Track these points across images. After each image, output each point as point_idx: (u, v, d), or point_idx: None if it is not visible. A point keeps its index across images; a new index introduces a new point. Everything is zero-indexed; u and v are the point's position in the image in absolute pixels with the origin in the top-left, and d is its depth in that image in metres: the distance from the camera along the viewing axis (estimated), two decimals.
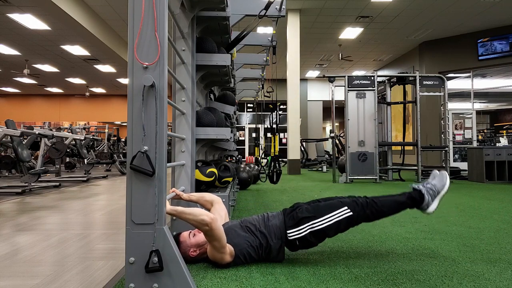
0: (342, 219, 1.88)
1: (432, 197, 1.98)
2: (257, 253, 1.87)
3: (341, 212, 1.90)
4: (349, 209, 1.91)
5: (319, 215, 1.89)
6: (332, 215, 1.88)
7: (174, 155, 2.43)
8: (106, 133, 11.29)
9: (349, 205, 1.92)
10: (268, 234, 1.88)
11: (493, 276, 1.71)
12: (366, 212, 1.92)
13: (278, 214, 1.99)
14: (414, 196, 1.99)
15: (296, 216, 1.91)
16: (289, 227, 1.89)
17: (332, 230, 1.89)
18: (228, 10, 2.66)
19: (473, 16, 8.95)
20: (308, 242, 1.89)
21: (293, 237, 1.87)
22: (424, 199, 1.97)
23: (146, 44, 1.53)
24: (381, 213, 1.95)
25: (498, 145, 7.47)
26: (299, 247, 1.92)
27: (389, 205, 1.97)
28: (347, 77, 6.97)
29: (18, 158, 5.38)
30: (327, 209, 1.91)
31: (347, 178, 6.75)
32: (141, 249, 1.49)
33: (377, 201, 1.95)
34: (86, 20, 8.34)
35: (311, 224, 1.87)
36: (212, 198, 2.17)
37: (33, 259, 2.07)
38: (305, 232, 1.87)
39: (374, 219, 1.96)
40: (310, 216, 1.89)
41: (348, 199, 1.98)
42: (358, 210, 1.91)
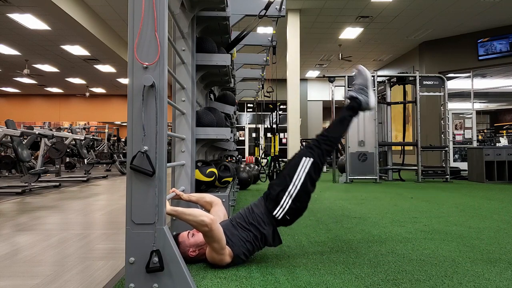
0: (308, 169, 1.93)
1: (366, 93, 2.10)
2: (254, 246, 1.88)
3: (304, 165, 1.94)
4: (308, 157, 1.97)
5: (289, 181, 1.93)
6: (299, 173, 1.93)
7: (174, 155, 2.43)
8: (106, 133, 11.29)
9: (306, 154, 1.98)
10: (258, 224, 1.90)
11: (493, 276, 1.71)
12: (323, 148, 1.99)
13: (260, 200, 2.01)
14: (352, 105, 2.11)
15: (272, 195, 1.94)
16: (272, 208, 1.92)
17: (308, 184, 1.93)
18: (228, 10, 2.66)
19: (473, 16, 8.95)
20: (296, 210, 1.93)
21: (280, 215, 1.90)
22: (361, 101, 2.09)
23: (146, 44, 1.53)
24: (335, 139, 2.05)
25: (498, 145, 7.47)
26: (292, 219, 1.95)
27: (337, 129, 2.08)
28: (347, 77, 6.97)
29: (18, 158, 5.38)
30: (292, 172, 1.95)
31: (347, 178, 6.75)
32: (141, 249, 1.49)
33: (325, 133, 2.05)
34: (86, 20, 8.34)
35: (288, 194, 1.90)
36: (212, 199, 2.18)
37: (33, 259, 2.07)
38: (288, 204, 1.90)
39: (333, 148, 2.07)
40: (283, 188, 1.92)
41: (303, 148, 2.06)
42: (316, 153, 1.98)
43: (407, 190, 5.42)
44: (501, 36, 9.65)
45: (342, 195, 4.81)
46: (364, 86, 2.12)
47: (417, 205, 3.89)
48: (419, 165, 6.99)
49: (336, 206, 3.86)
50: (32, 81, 15.37)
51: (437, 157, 9.55)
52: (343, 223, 2.95)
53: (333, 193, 5.04)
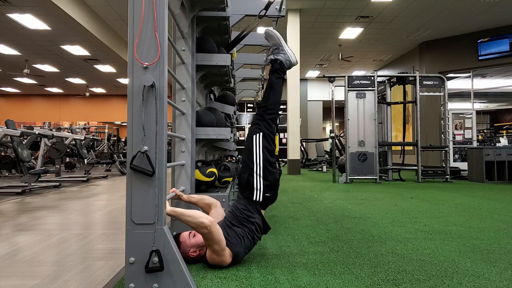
0: (262, 143, 1.99)
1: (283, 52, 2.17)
2: (253, 240, 1.91)
3: (257, 142, 2.00)
4: (257, 133, 2.02)
5: (250, 162, 1.98)
6: (256, 152, 1.98)
7: (174, 155, 2.43)
8: (106, 133, 11.29)
9: (254, 132, 2.03)
10: (247, 216, 1.92)
11: (493, 276, 1.71)
12: (266, 118, 2.05)
13: (238, 195, 2.05)
14: (276, 67, 2.15)
15: (243, 184, 1.99)
16: (249, 195, 1.95)
17: (268, 156, 1.98)
18: (228, 10, 2.66)
19: (473, 16, 8.95)
20: (271, 184, 1.98)
21: (260, 196, 1.94)
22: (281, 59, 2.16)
23: (146, 44, 1.53)
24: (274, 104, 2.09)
25: (498, 145, 7.47)
26: (272, 194, 2.00)
27: (271, 95, 2.11)
28: (347, 77, 6.97)
29: (18, 158, 5.38)
30: (249, 154, 2.00)
31: (347, 178, 6.75)
32: (141, 249, 1.49)
33: (262, 103, 2.09)
34: (86, 20, 8.34)
35: (256, 175, 1.95)
36: (212, 201, 2.18)
37: (33, 259, 2.07)
38: (261, 183, 1.95)
39: (277, 113, 2.12)
40: (249, 172, 1.97)
41: (250, 128, 2.09)
42: (262, 125, 2.03)
43: (407, 190, 5.42)
44: (501, 36, 9.65)
45: (342, 195, 4.81)
46: (277, 45, 2.20)
47: (417, 205, 3.89)
48: (419, 165, 6.99)
49: (336, 206, 3.86)
50: (32, 81, 15.37)
51: (437, 157, 9.55)
52: (343, 223, 2.95)
53: (333, 193, 5.04)
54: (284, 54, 2.17)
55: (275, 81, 2.13)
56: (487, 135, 12.75)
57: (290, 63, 2.17)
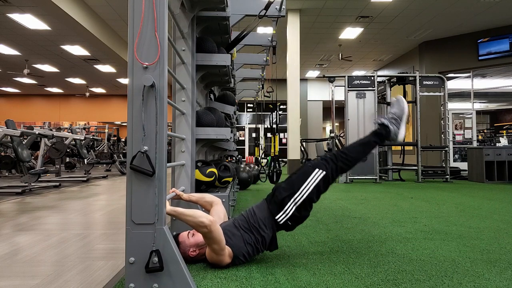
0: (318, 181, 1.92)
1: (397, 125, 2.05)
2: (255, 249, 1.88)
3: (315, 176, 1.92)
4: (321, 169, 1.94)
5: (296, 188, 1.91)
6: (308, 183, 1.91)
7: (174, 155, 2.43)
8: (106, 133, 11.29)
9: (319, 166, 1.95)
10: (259, 227, 1.89)
11: (493, 276, 1.71)
12: (338, 165, 1.96)
13: (263, 203, 1.99)
14: (380, 132, 2.05)
15: (277, 200, 1.92)
16: (275, 213, 1.91)
17: (314, 195, 1.92)
18: (228, 10, 2.66)
19: (473, 16, 8.95)
20: (299, 217, 1.92)
21: (282, 220, 1.89)
22: (391, 130, 2.04)
23: (146, 44, 1.53)
24: (353, 160, 2.00)
25: (498, 145, 7.47)
26: (293, 225, 1.94)
27: (358, 149, 2.02)
28: (347, 77, 6.97)
29: (18, 158, 5.38)
30: (301, 180, 1.93)
31: (347, 178, 6.75)
32: (141, 249, 1.49)
33: (345, 150, 1.99)
34: (86, 20, 8.34)
35: (294, 201, 1.89)
36: (212, 199, 2.17)
37: (33, 259, 2.07)
38: (292, 210, 1.89)
39: (349, 168, 2.02)
40: (289, 194, 1.90)
41: (318, 159, 2.01)
42: (331, 166, 1.95)
43: (407, 190, 5.42)
44: (501, 36, 9.65)
45: (342, 195, 4.81)
46: (398, 117, 2.07)
47: (417, 205, 3.89)
48: (419, 165, 6.99)
49: (336, 206, 3.86)
50: (32, 81, 15.37)
51: (437, 157, 9.55)
52: (343, 223, 2.95)
53: (333, 193, 5.04)
54: (397, 128, 2.05)
55: (371, 143, 2.06)
56: (487, 135, 12.75)
57: (395, 138, 2.07)
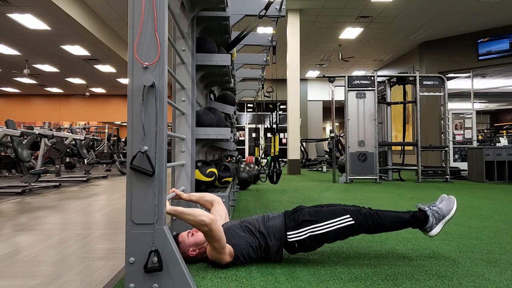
0: (343, 226, 1.87)
1: (437, 220, 1.94)
2: (256, 253, 1.87)
3: (343, 220, 1.88)
4: (352, 217, 1.89)
5: (320, 219, 1.88)
6: (334, 221, 1.87)
7: (174, 155, 2.43)
8: (106, 133, 11.29)
9: (351, 214, 1.90)
10: (267, 235, 1.88)
11: (493, 276, 1.71)
12: (368, 223, 1.89)
13: (279, 215, 1.98)
14: (419, 216, 1.94)
15: (297, 219, 1.90)
16: (289, 229, 1.88)
17: (332, 236, 1.88)
18: (228, 10, 2.66)
19: (473, 16, 8.95)
20: (307, 246, 1.89)
21: (292, 239, 1.87)
22: (428, 221, 1.93)
23: (146, 44, 1.53)
24: (383, 227, 1.92)
25: (498, 145, 7.47)
26: (298, 250, 1.91)
27: (391, 220, 1.93)
28: (347, 77, 6.97)
29: (18, 158, 5.38)
30: (329, 215, 1.89)
31: (347, 178, 6.75)
32: (141, 249, 1.49)
33: (380, 214, 1.92)
34: (86, 20, 8.34)
35: (312, 228, 1.86)
36: (212, 198, 2.17)
37: (33, 259, 2.07)
38: (305, 236, 1.86)
39: (375, 232, 1.95)
40: (312, 220, 1.87)
41: (352, 207, 1.96)
42: (361, 220, 1.89)
43: (407, 190, 5.42)
44: (501, 36, 9.65)
45: (342, 195, 4.81)
46: (442, 214, 1.96)
47: None
48: (419, 165, 6.99)
49: None
50: (32, 81, 15.37)
51: (437, 157, 9.55)
52: None
53: (333, 193, 5.03)
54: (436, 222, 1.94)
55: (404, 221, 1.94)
56: (487, 135, 12.74)
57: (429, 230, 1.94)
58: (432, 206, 1.97)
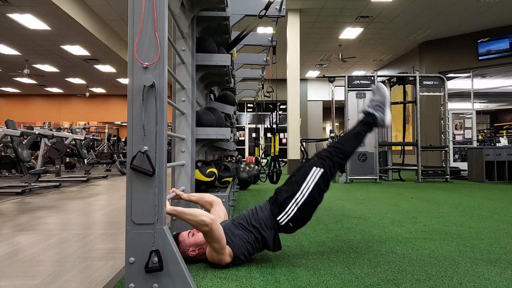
0: (318, 180, 1.92)
1: (382, 111, 2.11)
2: (254, 248, 1.88)
3: (314, 175, 1.93)
4: (318, 167, 1.95)
5: (296, 189, 1.92)
6: (307, 182, 1.92)
7: (174, 155, 2.43)
8: (106, 133, 11.29)
9: (316, 164, 1.97)
10: (260, 227, 1.89)
11: (493, 276, 1.71)
12: (334, 160, 1.98)
13: (265, 204, 2.00)
14: (367, 120, 2.10)
15: (278, 201, 1.93)
16: (277, 213, 1.91)
17: (316, 194, 1.92)
18: (228, 10, 2.66)
19: (473, 16, 8.95)
20: (300, 219, 1.92)
21: (284, 221, 1.89)
22: (377, 117, 2.10)
23: (146, 44, 1.53)
24: (348, 153, 2.04)
25: (498, 145, 7.47)
26: (294, 227, 1.94)
27: (350, 142, 2.06)
28: (347, 77, 6.97)
29: (18, 158, 5.38)
30: (300, 180, 1.94)
31: (347, 178, 6.75)
32: (141, 249, 1.49)
33: (338, 145, 2.03)
34: (86, 20, 8.34)
35: (295, 201, 1.89)
36: (212, 199, 2.17)
37: (33, 259, 2.07)
38: (293, 211, 1.89)
39: (345, 161, 2.06)
40: (290, 195, 1.91)
41: (314, 158, 2.03)
42: (327, 163, 1.97)
43: (407, 190, 5.42)
44: (501, 36, 9.65)
45: (342, 195, 4.81)
46: (381, 103, 2.12)
47: (417, 205, 3.89)
48: (419, 165, 6.99)
49: (336, 206, 3.86)
50: (32, 81, 15.37)
51: (437, 157, 9.55)
52: (343, 223, 2.95)
53: (333, 193, 5.04)
54: (382, 113, 2.11)
55: (361, 133, 2.10)
56: (487, 135, 12.74)
57: (382, 123, 2.12)
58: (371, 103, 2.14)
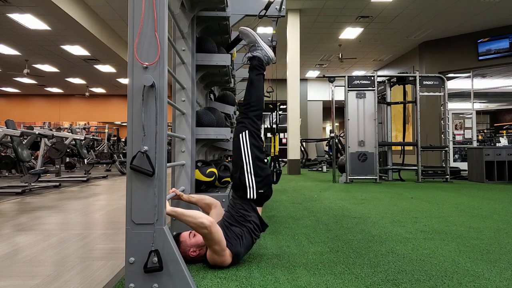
0: (249, 141, 2.00)
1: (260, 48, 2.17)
2: (252, 238, 1.91)
3: (244, 141, 2.01)
4: (243, 131, 2.03)
5: (239, 161, 1.99)
6: (244, 150, 1.99)
7: (174, 155, 2.43)
8: (106, 133, 11.29)
9: (240, 130, 2.05)
10: (243, 215, 1.93)
11: (493, 276, 1.71)
12: (250, 116, 2.06)
13: (233, 194, 2.05)
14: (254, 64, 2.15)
15: (236, 184, 1.99)
16: (243, 193, 1.96)
17: (256, 152, 1.99)
18: (228, 10, 2.66)
19: (473, 16, 8.95)
20: (263, 178, 1.97)
21: (253, 194, 1.94)
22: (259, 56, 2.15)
23: (146, 44, 1.53)
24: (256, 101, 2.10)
25: (498, 145, 7.47)
26: (266, 190, 1.98)
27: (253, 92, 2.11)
28: (347, 77, 6.97)
29: (18, 158, 5.38)
30: (238, 153, 2.01)
31: (347, 178, 6.75)
32: (141, 249, 1.49)
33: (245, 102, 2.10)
34: (86, 20, 8.34)
35: (247, 172, 1.96)
36: (212, 201, 2.17)
37: (33, 259, 2.07)
38: (252, 180, 1.95)
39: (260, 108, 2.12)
40: (240, 171, 1.98)
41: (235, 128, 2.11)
42: (247, 123, 2.05)
43: (407, 190, 5.42)
44: (501, 36, 9.64)
45: (342, 195, 4.81)
46: (253, 42, 2.18)
47: (417, 205, 3.89)
48: (419, 165, 6.99)
49: (336, 206, 3.86)
50: (32, 81, 15.37)
51: (437, 157, 9.55)
52: (343, 223, 2.95)
53: (333, 193, 5.03)
54: (261, 50, 2.17)
55: (255, 78, 2.14)
56: (487, 135, 12.75)
57: (268, 58, 2.17)
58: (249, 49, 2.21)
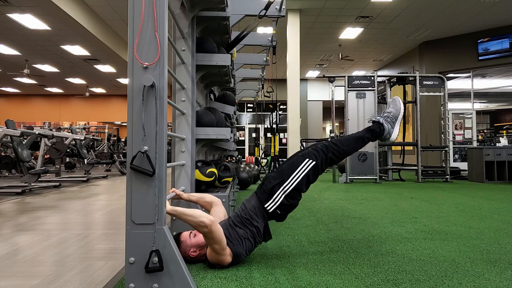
0: (308, 171, 1.95)
1: (392, 124, 2.08)
2: (253, 242, 1.90)
3: (305, 165, 1.96)
4: (311, 159, 1.97)
5: (286, 177, 1.94)
6: (298, 172, 1.94)
7: (174, 155, 2.43)
8: (106, 133, 11.29)
9: (310, 156, 1.98)
10: (251, 219, 1.90)
11: (493, 276, 1.71)
12: (328, 156, 1.99)
13: (252, 195, 2.02)
14: (373, 129, 2.08)
15: (266, 188, 1.95)
16: (264, 201, 1.93)
17: (303, 184, 1.95)
18: (228, 10, 2.66)
19: (473, 16, 8.95)
20: (288, 206, 1.94)
21: (272, 208, 1.91)
22: (385, 129, 2.07)
23: (146, 44, 1.53)
24: (344, 152, 2.03)
25: (498, 145, 7.46)
26: (283, 214, 1.95)
27: (349, 143, 2.05)
28: (347, 77, 6.97)
29: (18, 158, 5.38)
30: (291, 169, 1.96)
31: (347, 178, 6.75)
32: (141, 249, 1.49)
33: (337, 142, 2.03)
34: (86, 20, 8.34)
35: (283, 189, 1.92)
36: (212, 199, 2.17)
37: (33, 259, 2.07)
38: (281, 198, 1.91)
39: (339, 160, 2.06)
40: (279, 182, 1.93)
41: (308, 149, 2.03)
42: (321, 156, 1.98)
43: (407, 190, 5.42)
44: (501, 36, 9.64)
45: (342, 195, 4.81)
46: (394, 117, 2.10)
47: (417, 205, 3.89)
48: (419, 165, 6.99)
49: (336, 206, 3.86)
50: (32, 81, 15.37)
51: (437, 157, 9.55)
52: (343, 223, 2.95)
53: (333, 193, 5.04)
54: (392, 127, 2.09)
55: (364, 139, 2.09)
56: (487, 135, 12.75)
57: (388, 137, 2.10)
58: (383, 114, 2.11)
